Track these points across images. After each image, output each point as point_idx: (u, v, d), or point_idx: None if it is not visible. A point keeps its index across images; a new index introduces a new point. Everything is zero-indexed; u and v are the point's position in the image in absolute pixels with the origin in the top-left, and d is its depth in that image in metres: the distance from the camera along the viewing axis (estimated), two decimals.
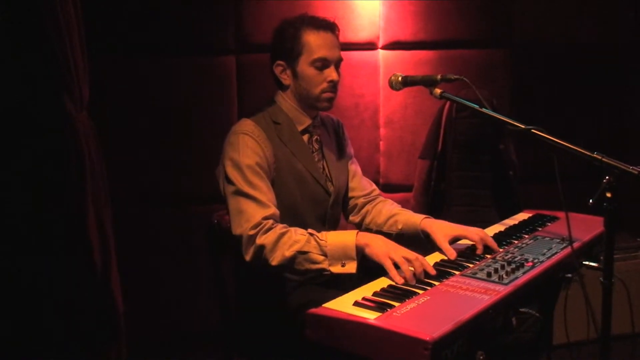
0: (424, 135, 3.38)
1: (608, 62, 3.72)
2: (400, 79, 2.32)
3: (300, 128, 2.34)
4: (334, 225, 2.43)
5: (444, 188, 3.30)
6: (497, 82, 3.54)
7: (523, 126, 2.01)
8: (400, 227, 2.40)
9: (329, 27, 2.28)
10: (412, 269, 1.93)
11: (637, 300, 2.28)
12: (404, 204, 2.78)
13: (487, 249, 2.17)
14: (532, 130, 1.98)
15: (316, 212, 2.34)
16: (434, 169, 3.31)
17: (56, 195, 2.27)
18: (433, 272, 1.94)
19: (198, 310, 3.26)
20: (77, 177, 2.29)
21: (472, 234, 2.20)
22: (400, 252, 1.98)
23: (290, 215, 2.26)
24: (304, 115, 2.34)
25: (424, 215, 2.37)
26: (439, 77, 2.23)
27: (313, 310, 1.71)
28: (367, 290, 1.84)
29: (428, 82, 2.26)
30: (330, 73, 2.26)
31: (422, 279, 1.91)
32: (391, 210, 2.46)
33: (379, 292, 1.81)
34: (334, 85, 2.28)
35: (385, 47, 3.43)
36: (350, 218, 2.56)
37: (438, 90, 2.23)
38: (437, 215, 3.24)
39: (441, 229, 2.25)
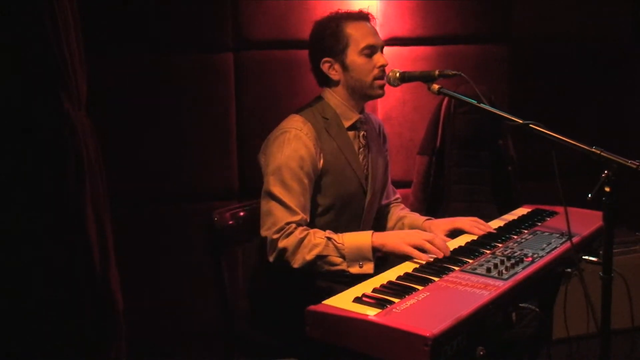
0: (423, 131, 3.38)
1: (607, 57, 3.71)
2: (398, 75, 2.33)
3: (347, 124, 2.38)
4: (367, 229, 2.44)
5: (442, 184, 3.30)
6: (496, 77, 3.54)
7: (521, 121, 2.01)
8: (406, 230, 2.51)
9: (365, 17, 2.37)
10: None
11: (636, 295, 2.28)
12: (403, 200, 2.79)
13: (486, 237, 2.23)
14: (530, 125, 1.98)
15: (352, 210, 2.38)
16: (433, 165, 3.31)
17: (55, 194, 2.27)
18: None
19: (198, 309, 3.26)
20: (75, 175, 2.29)
21: (464, 224, 2.34)
22: (417, 236, 2.11)
23: (328, 211, 2.32)
24: (352, 111, 2.38)
25: (426, 218, 2.50)
26: (437, 73, 2.23)
27: (312, 307, 1.71)
28: (367, 286, 1.84)
29: (426, 78, 2.26)
30: (379, 58, 2.32)
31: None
32: (399, 214, 2.60)
33: (378, 289, 1.81)
34: (384, 70, 2.33)
35: None
36: None
37: (436, 86, 2.23)
38: (436, 211, 3.27)
39: (437, 226, 2.39)
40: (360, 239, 2.16)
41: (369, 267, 2.13)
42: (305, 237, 2.15)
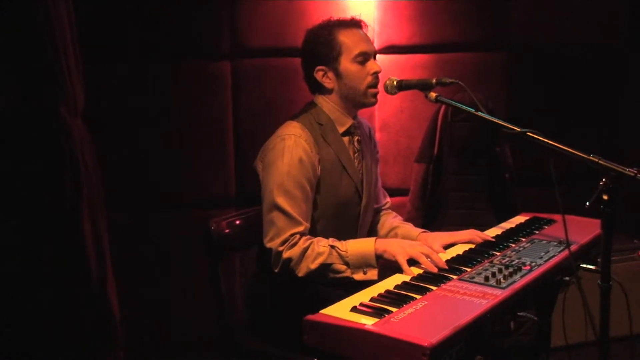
0: (420, 139, 3.38)
1: (605, 64, 3.72)
2: (395, 83, 2.32)
3: (341, 130, 2.37)
4: (364, 233, 2.45)
5: (440, 192, 3.30)
6: (493, 85, 3.54)
7: (518, 129, 2.01)
8: (409, 240, 2.45)
9: (357, 24, 2.37)
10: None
11: (634, 302, 2.28)
12: (400, 208, 2.78)
13: (484, 245, 2.23)
14: (528, 133, 1.98)
15: (349, 215, 2.38)
16: (430, 172, 3.30)
17: (51, 201, 2.26)
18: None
19: (195, 317, 3.25)
20: (72, 183, 2.28)
21: (463, 237, 2.31)
22: (416, 249, 2.09)
23: (325, 217, 2.32)
24: (346, 116, 2.38)
25: (421, 230, 2.47)
26: (434, 80, 2.23)
27: (310, 316, 1.71)
28: (365, 295, 1.83)
29: (423, 86, 2.26)
30: (372, 65, 2.32)
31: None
32: (392, 223, 2.56)
33: (376, 298, 1.81)
34: (377, 76, 2.33)
35: (380, 51, 3.42)
36: None
37: (433, 94, 2.23)
38: (434, 219, 3.26)
39: (436, 239, 2.35)
40: (363, 246, 2.17)
41: (373, 274, 2.15)
42: (308, 246, 2.16)
